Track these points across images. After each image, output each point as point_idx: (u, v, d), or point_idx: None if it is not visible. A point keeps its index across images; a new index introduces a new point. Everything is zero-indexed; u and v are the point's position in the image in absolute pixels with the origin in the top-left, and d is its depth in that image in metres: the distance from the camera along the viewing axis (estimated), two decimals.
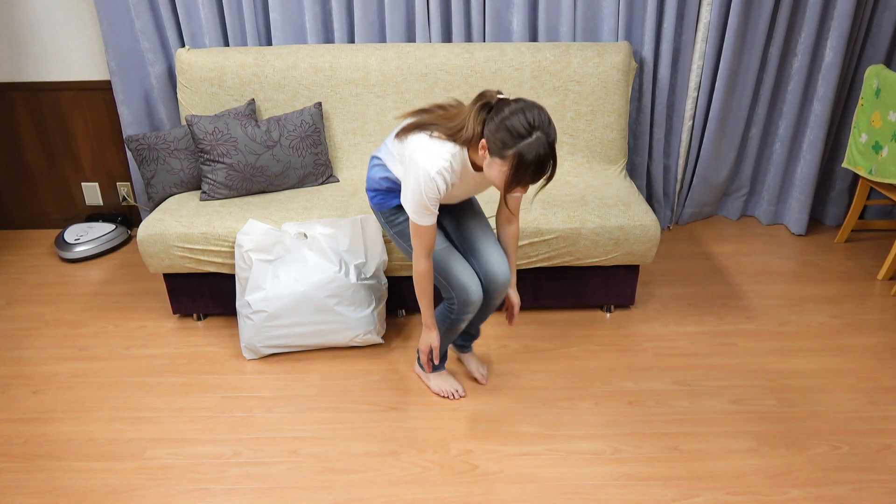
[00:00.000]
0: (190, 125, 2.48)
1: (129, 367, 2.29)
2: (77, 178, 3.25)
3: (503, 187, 1.59)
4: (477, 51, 2.68)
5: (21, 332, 2.52)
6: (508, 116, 1.52)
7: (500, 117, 1.53)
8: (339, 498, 1.75)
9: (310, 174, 2.63)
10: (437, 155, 1.64)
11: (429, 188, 1.65)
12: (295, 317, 2.20)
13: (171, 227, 2.32)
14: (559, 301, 2.52)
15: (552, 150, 1.53)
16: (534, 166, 1.52)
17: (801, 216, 3.12)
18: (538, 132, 1.50)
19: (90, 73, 3.01)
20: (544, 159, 1.52)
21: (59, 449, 1.94)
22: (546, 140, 1.51)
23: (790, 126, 3.03)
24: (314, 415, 2.05)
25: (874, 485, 1.77)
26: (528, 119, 1.51)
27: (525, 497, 1.74)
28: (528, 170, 1.52)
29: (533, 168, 1.52)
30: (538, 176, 1.55)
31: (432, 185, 1.64)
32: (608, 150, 2.77)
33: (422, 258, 1.78)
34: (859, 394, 2.11)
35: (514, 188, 1.57)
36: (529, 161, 1.51)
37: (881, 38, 2.84)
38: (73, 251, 3.02)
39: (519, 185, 1.56)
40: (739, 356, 2.30)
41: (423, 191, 1.65)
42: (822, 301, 2.63)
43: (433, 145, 1.66)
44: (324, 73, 2.67)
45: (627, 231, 2.32)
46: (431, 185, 1.64)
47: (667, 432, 1.96)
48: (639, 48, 2.87)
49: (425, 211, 1.69)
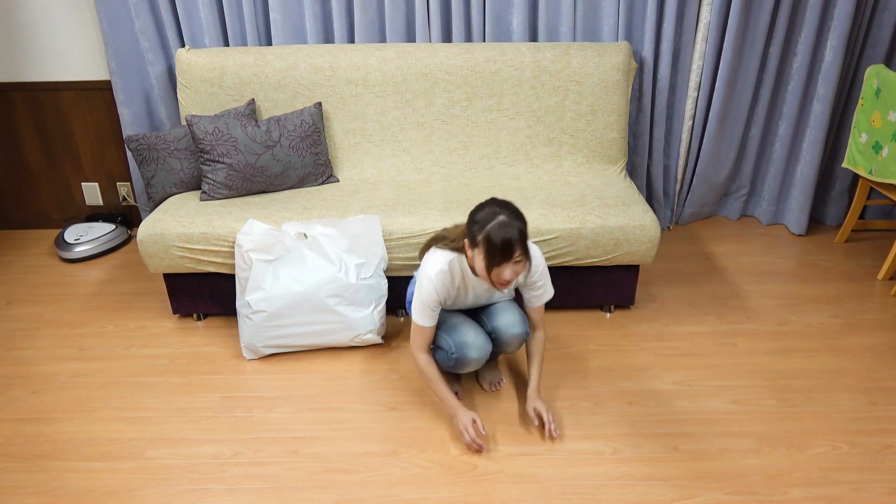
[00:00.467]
0: (190, 125, 2.48)
1: (129, 367, 2.29)
2: (77, 178, 3.25)
3: (485, 274, 1.74)
4: (477, 51, 2.68)
5: (21, 332, 2.52)
6: (477, 211, 1.75)
7: (473, 214, 1.76)
8: (339, 498, 1.75)
9: (310, 174, 2.63)
10: (436, 261, 1.86)
11: (427, 289, 1.84)
12: (295, 317, 2.20)
13: (171, 227, 2.32)
14: (559, 301, 2.52)
15: (520, 234, 1.69)
16: (500, 245, 1.67)
17: (801, 216, 3.12)
18: (502, 216, 1.69)
19: (90, 73, 3.01)
20: (510, 239, 1.67)
21: (59, 449, 1.94)
22: (509, 221, 1.68)
23: (790, 126, 3.03)
24: (314, 415, 2.05)
25: (874, 485, 1.77)
26: (493, 209, 1.72)
27: (525, 497, 1.74)
28: (497, 249, 1.67)
29: (500, 247, 1.67)
30: (507, 255, 1.68)
31: (430, 287, 1.83)
32: (608, 150, 2.77)
33: (420, 352, 1.92)
34: (859, 394, 2.11)
35: (493, 271, 1.72)
36: (497, 242, 1.67)
37: (881, 38, 2.84)
38: (73, 251, 3.02)
39: (495, 266, 1.70)
40: (739, 356, 2.30)
41: (424, 291, 1.85)
42: (822, 301, 2.63)
43: (437, 255, 1.88)
44: (324, 73, 2.67)
45: (627, 231, 2.32)
46: (430, 287, 1.83)
47: (667, 432, 1.96)
48: (639, 48, 2.87)
49: (425, 310, 1.86)
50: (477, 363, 1.95)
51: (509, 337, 1.97)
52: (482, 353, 1.93)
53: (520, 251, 1.70)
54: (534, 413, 1.94)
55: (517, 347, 2.03)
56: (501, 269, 1.71)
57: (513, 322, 1.97)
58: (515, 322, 1.97)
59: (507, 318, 1.98)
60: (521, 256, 1.72)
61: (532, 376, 2.00)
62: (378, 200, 2.46)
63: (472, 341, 1.92)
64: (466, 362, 1.93)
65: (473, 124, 2.73)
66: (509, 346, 2.01)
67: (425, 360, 1.91)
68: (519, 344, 2.01)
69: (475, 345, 1.92)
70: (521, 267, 1.74)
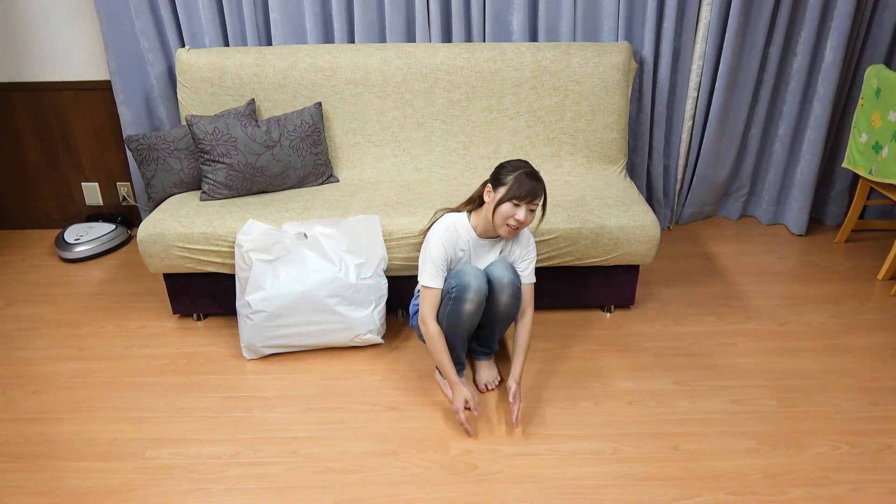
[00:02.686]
0: (190, 125, 2.48)
1: (129, 367, 2.29)
2: (77, 178, 3.25)
3: (502, 210, 1.87)
4: (477, 51, 2.68)
5: (21, 332, 2.52)
6: (507, 162, 1.93)
7: (502, 164, 1.93)
8: (339, 498, 1.75)
9: (310, 174, 2.63)
10: (443, 220, 2.00)
11: (435, 244, 1.95)
12: (295, 317, 2.20)
13: (171, 227, 2.32)
14: (559, 301, 2.52)
15: (545, 188, 1.89)
16: (529, 184, 1.85)
17: (801, 216, 3.12)
18: (532, 169, 1.90)
19: (90, 73, 3.01)
20: (538, 183, 1.87)
21: (59, 449, 1.94)
22: (538, 174, 1.89)
23: (790, 126, 3.03)
24: (314, 415, 2.05)
25: (874, 485, 1.77)
26: (525, 163, 1.92)
27: (525, 497, 1.74)
28: (525, 186, 1.84)
29: (528, 185, 1.84)
30: (532, 195, 1.85)
31: (438, 242, 1.95)
32: (608, 150, 2.77)
33: (429, 319, 1.95)
34: (859, 394, 2.11)
35: (511, 208, 1.86)
36: (526, 180, 1.85)
37: (881, 38, 2.84)
38: (73, 251, 3.02)
39: (516, 200, 1.84)
40: (739, 356, 2.30)
41: (432, 247, 1.95)
42: (822, 301, 2.63)
43: (444, 217, 2.02)
44: (324, 73, 2.67)
45: (627, 231, 2.32)
46: (437, 243, 1.95)
47: (667, 432, 1.96)
48: (639, 48, 2.87)
49: (433, 269, 1.94)
50: (475, 301, 1.91)
51: (503, 285, 1.96)
52: (480, 289, 1.91)
53: (540, 201, 1.89)
54: (510, 392, 1.94)
55: (509, 298, 1.97)
56: (519, 208, 1.85)
57: (505, 272, 1.97)
58: (508, 272, 1.97)
59: (501, 269, 1.98)
60: (538, 208, 1.91)
61: (514, 366, 1.99)
62: (378, 200, 2.46)
63: (472, 276, 1.91)
64: (465, 297, 1.90)
65: (473, 124, 2.73)
66: (501, 294, 1.97)
67: (435, 329, 1.94)
68: (510, 295, 1.97)
69: (474, 276, 1.91)
70: (531, 219, 1.89)
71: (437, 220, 2.02)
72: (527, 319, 2.06)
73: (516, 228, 1.89)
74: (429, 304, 1.95)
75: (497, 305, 2.00)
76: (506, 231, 1.90)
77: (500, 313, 2.02)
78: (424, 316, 1.95)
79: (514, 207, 1.86)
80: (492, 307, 2.02)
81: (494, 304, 2.01)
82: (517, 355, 2.02)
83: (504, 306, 2.00)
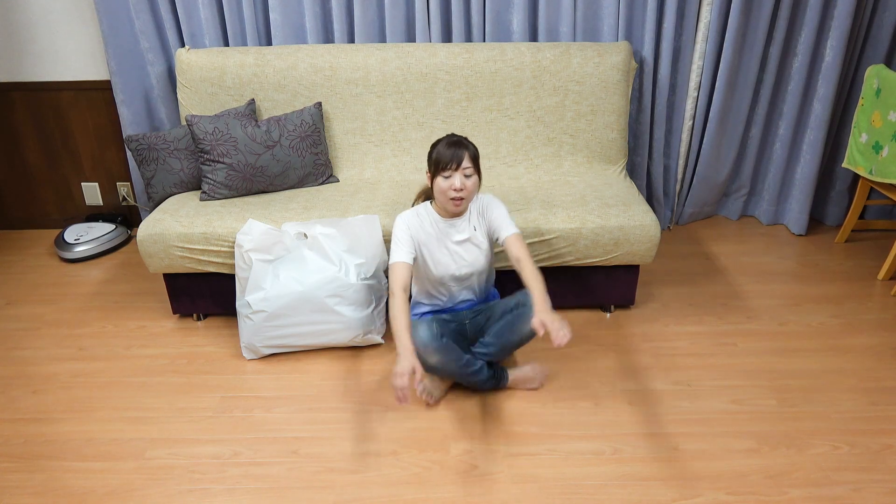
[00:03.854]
0: (190, 125, 2.48)
1: (129, 367, 2.29)
2: (77, 178, 3.25)
3: (439, 187, 1.90)
4: (477, 51, 2.68)
5: (21, 332, 2.52)
6: (433, 143, 1.94)
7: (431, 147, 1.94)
8: (339, 498, 1.75)
9: (310, 174, 2.63)
10: (409, 209, 2.05)
11: (397, 224, 1.98)
12: (295, 317, 2.20)
13: (171, 227, 2.32)
14: (559, 301, 2.52)
15: (472, 149, 1.91)
16: (449, 151, 1.87)
17: (801, 216, 3.12)
18: (455, 136, 1.92)
19: (90, 73, 3.01)
20: (458, 145, 1.88)
21: (59, 449, 1.94)
22: (460, 138, 1.91)
23: (790, 126, 3.03)
24: (314, 415, 2.05)
25: (874, 485, 1.77)
26: (448, 134, 1.95)
27: (525, 497, 1.74)
28: (446, 155, 1.86)
29: (449, 153, 1.86)
30: (455, 161, 1.86)
31: (400, 222, 1.98)
32: (608, 150, 2.77)
33: (395, 291, 1.91)
34: (859, 394, 2.11)
35: (444, 182, 1.88)
36: (445, 148, 1.88)
37: (881, 38, 2.84)
38: (73, 251, 3.02)
39: (444, 171, 1.87)
40: (739, 356, 2.30)
41: (395, 228, 1.98)
42: (822, 301, 2.63)
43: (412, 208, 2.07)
44: (324, 73, 2.67)
45: (627, 231, 2.32)
46: (399, 222, 1.98)
47: (667, 432, 1.96)
48: (639, 48, 2.87)
49: (396, 246, 1.95)
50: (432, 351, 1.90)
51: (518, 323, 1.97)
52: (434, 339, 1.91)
53: (470, 163, 1.88)
54: (539, 324, 1.75)
55: (528, 324, 1.89)
56: (451, 178, 1.87)
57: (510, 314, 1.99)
58: (514, 301, 2.00)
59: (501, 320, 2.01)
60: (472, 170, 1.89)
61: (536, 298, 1.82)
62: (378, 200, 2.46)
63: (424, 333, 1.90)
64: (424, 361, 1.89)
65: (473, 124, 2.73)
66: (523, 326, 1.97)
67: (397, 303, 1.86)
68: (525, 317, 1.95)
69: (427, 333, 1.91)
70: (472, 184, 1.90)
71: None
72: (529, 266, 1.89)
73: (460, 199, 1.90)
74: (393, 277, 1.92)
75: (522, 331, 2.00)
76: (452, 205, 1.91)
77: (526, 335, 2.00)
78: (391, 288, 1.91)
79: (446, 180, 1.88)
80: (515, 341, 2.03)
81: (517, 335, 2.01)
82: (535, 292, 1.84)
83: (528, 329, 1.96)
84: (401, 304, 1.86)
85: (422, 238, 2.00)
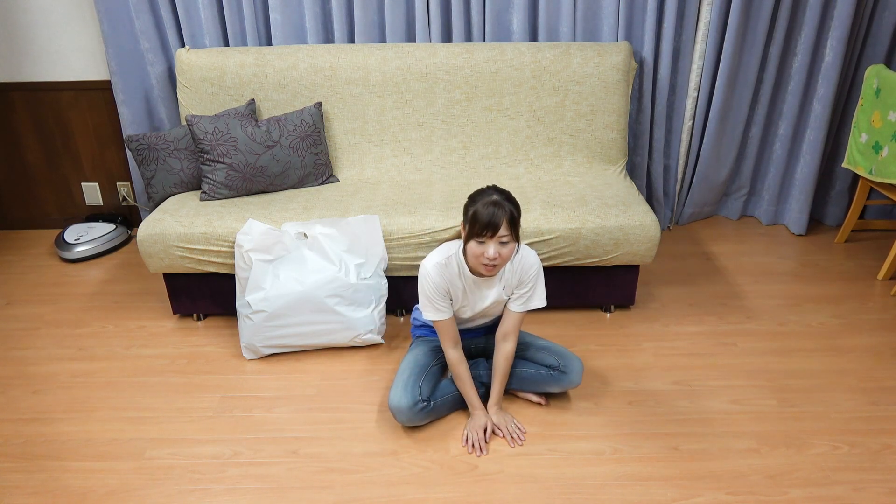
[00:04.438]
0: (190, 125, 2.48)
1: (129, 367, 2.29)
2: (77, 178, 3.25)
3: (472, 251, 1.75)
4: (477, 51, 2.68)
5: (21, 332, 2.52)
6: (473, 194, 1.79)
7: (470, 195, 1.80)
8: (339, 498, 1.75)
9: (310, 174, 2.63)
10: (435, 254, 1.88)
11: (424, 283, 1.85)
12: (295, 317, 2.20)
13: (171, 227, 2.32)
14: (559, 301, 2.52)
15: (510, 215, 1.71)
16: (487, 218, 1.69)
17: (801, 216, 3.12)
18: (495, 195, 1.73)
19: (90, 73, 3.01)
20: (496, 213, 1.69)
21: (59, 449, 1.94)
22: (501, 200, 1.71)
23: (790, 126, 3.03)
24: (314, 415, 2.05)
25: (874, 485, 1.77)
26: (489, 190, 1.76)
27: (525, 497, 1.74)
28: (483, 221, 1.69)
29: (486, 220, 1.69)
30: (492, 229, 1.69)
31: (427, 280, 1.84)
32: (608, 150, 2.77)
33: (448, 349, 1.93)
34: (859, 394, 2.11)
35: (477, 247, 1.73)
36: (483, 213, 1.69)
37: (881, 38, 2.84)
38: (73, 251, 3.02)
39: (478, 237, 1.72)
40: (739, 356, 2.30)
41: (423, 285, 1.86)
42: (822, 301, 2.63)
43: (438, 248, 1.91)
44: (324, 73, 2.67)
45: (627, 231, 2.32)
46: (426, 281, 1.84)
47: (667, 432, 1.96)
48: (639, 48, 2.87)
49: (432, 304, 1.86)
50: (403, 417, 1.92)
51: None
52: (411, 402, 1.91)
53: (507, 231, 1.70)
54: (491, 429, 1.93)
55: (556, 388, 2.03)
56: (486, 246, 1.72)
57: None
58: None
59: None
60: (509, 238, 1.72)
61: (493, 391, 1.98)
62: (378, 200, 2.46)
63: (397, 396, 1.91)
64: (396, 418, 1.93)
65: (473, 124, 2.73)
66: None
67: (454, 358, 1.93)
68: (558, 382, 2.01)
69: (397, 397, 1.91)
70: (508, 251, 1.74)
71: (431, 253, 1.90)
72: (509, 347, 1.93)
73: (494, 266, 1.74)
74: (441, 336, 1.92)
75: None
76: (484, 270, 1.77)
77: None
78: (444, 346, 1.93)
79: (480, 245, 1.73)
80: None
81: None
82: (495, 383, 1.97)
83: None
84: (457, 363, 1.93)
85: (453, 286, 1.88)
